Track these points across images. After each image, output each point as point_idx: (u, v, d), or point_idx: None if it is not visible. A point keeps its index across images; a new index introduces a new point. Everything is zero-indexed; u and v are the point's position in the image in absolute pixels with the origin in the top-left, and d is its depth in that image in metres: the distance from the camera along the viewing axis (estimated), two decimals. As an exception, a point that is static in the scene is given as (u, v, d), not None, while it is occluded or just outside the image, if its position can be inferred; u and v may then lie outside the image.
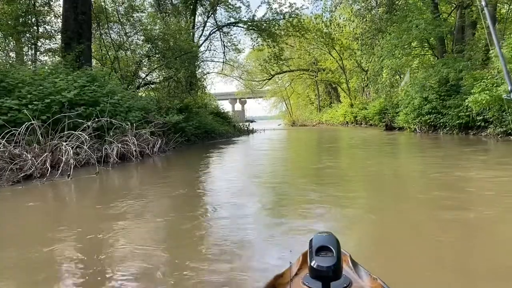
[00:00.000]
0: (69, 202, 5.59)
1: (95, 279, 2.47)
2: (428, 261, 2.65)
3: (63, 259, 2.87)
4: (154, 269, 2.58)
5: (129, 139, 9.40)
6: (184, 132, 14.57)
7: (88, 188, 6.23)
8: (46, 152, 6.92)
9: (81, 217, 4.32)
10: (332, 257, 1.09)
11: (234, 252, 2.89)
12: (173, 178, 7.16)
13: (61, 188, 6.20)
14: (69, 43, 13.09)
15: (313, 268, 1.09)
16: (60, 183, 6.40)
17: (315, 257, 1.10)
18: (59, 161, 7.18)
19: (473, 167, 6.77)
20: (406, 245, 3.03)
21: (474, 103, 11.34)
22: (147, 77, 18.20)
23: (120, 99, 10.96)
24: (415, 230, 3.37)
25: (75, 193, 6.03)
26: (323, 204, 4.38)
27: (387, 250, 2.95)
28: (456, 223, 3.49)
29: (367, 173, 6.93)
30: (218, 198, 5.18)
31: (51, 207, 5.13)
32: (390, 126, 21.09)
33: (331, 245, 1.12)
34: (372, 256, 2.77)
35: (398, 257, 2.80)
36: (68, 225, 3.87)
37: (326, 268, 1.07)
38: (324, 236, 1.17)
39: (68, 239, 3.34)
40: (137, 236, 3.40)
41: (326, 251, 1.11)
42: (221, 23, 26.90)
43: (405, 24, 15.31)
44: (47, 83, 9.24)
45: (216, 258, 2.78)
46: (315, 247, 1.13)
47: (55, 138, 7.39)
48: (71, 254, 2.95)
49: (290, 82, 54.30)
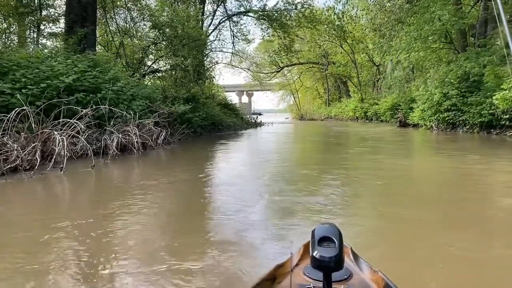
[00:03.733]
0: (51, 202, 4.65)
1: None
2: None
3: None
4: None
5: (131, 130, 8.71)
6: (190, 124, 13.91)
7: (80, 184, 5.52)
8: (37, 141, 6.24)
9: (60, 220, 3.60)
10: (334, 247, 1.05)
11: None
12: (177, 175, 6.42)
13: (49, 183, 5.50)
14: (72, 27, 12.53)
15: (315, 258, 1.04)
16: (51, 177, 5.72)
17: (317, 247, 1.05)
18: (52, 152, 6.53)
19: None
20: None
21: (502, 101, 10.53)
22: (154, 65, 17.52)
23: (123, 87, 10.31)
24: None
25: (62, 190, 5.33)
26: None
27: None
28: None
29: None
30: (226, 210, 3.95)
31: (29, 208, 4.23)
32: (404, 123, 20.27)
33: (334, 236, 1.08)
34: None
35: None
36: (43, 233, 3.20)
37: (328, 258, 1.02)
38: (327, 227, 1.13)
39: (42, 251, 2.67)
40: (126, 247, 2.73)
41: (328, 242, 1.07)
42: (231, 12, 26.21)
43: (427, 15, 14.41)
44: (44, 67, 8.58)
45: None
46: (317, 238, 1.08)
47: (48, 126, 6.72)
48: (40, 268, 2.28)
49: (299, 75, 53.61)
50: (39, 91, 7.67)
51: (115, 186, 5.50)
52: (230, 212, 3.75)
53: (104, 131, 8.69)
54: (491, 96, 12.51)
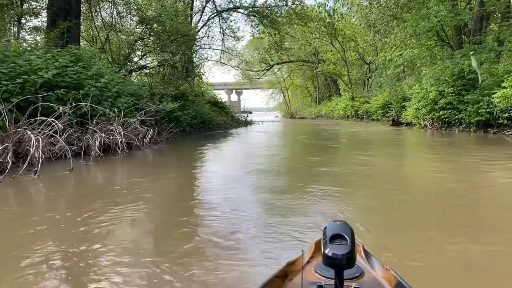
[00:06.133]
0: (14, 212, 3.86)
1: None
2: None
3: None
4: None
5: (115, 129, 8.15)
6: (179, 122, 13.38)
7: (54, 190, 4.91)
8: (9, 141, 5.67)
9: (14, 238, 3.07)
10: (346, 245, 1.01)
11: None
12: (163, 178, 5.89)
13: (19, 188, 4.89)
14: (55, 20, 11.94)
15: (327, 255, 1.00)
16: (22, 181, 5.13)
17: (329, 245, 1.02)
18: (28, 153, 5.97)
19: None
20: None
21: (503, 99, 10.20)
22: (141, 61, 16.89)
23: (108, 83, 9.73)
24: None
25: (31, 198, 4.61)
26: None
27: None
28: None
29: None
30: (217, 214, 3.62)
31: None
32: (397, 121, 19.97)
33: (346, 234, 1.04)
34: None
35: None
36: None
37: (341, 255, 0.99)
38: (339, 225, 1.09)
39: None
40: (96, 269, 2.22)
41: (340, 239, 1.03)
42: (220, 8, 25.58)
43: (423, 11, 14.04)
44: (21, 61, 7.97)
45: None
46: (329, 235, 1.04)
47: (23, 125, 6.15)
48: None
49: (289, 73, 53.35)
50: (15, 87, 7.09)
51: (94, 192, 4.87)
52: (219, 226, 3.26)
53: (87, 130, 8.12)
54: (488, 94, 12.21)
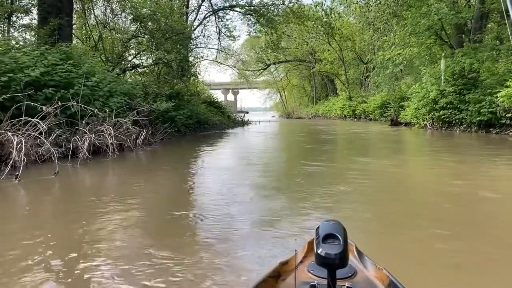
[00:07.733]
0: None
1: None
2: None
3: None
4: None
5: (106, 129, 7.79)
6: (173, 122, 13.01)
7: (35, 196, 4.56)
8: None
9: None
10: (339, 245, 1.00)
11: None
12: (156, 181, 5.56)
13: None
14: (46, 18, 11.57)
15: (320, 255, 0.99)
16: (2, 187, 4.76)
17: (322, 244, 1.01)
18: (11, 156, 5.61)
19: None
20: None
21: (507, 98, 9.92)
22: (135, 60, 16.52)
23: (99, 82, 9.37)
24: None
25: (7, 206, 4.18)
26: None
27: None
28: None
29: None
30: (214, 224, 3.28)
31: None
32: (396, 121, 19.67)
33: (338, 233, 1.03)
34: None
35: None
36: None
37: (334, 255, 0.98)
38: (332, 224, 1.07)
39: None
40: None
41: (333, 239, 1.02)
42: (216, 7, 25.23)
43: (424, 8, 13.75)
44: (7, 59, 7.59)
45: None
46: (322, 235, 1.03)
47: (5, 126, 5.79)
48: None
49: (285, 73, 53.09)
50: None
51: (78, 200, 4.48)
52: (214, 234, 2.93)
53: (76, 131, 7.76)
54: (490, 93, 11.95)
